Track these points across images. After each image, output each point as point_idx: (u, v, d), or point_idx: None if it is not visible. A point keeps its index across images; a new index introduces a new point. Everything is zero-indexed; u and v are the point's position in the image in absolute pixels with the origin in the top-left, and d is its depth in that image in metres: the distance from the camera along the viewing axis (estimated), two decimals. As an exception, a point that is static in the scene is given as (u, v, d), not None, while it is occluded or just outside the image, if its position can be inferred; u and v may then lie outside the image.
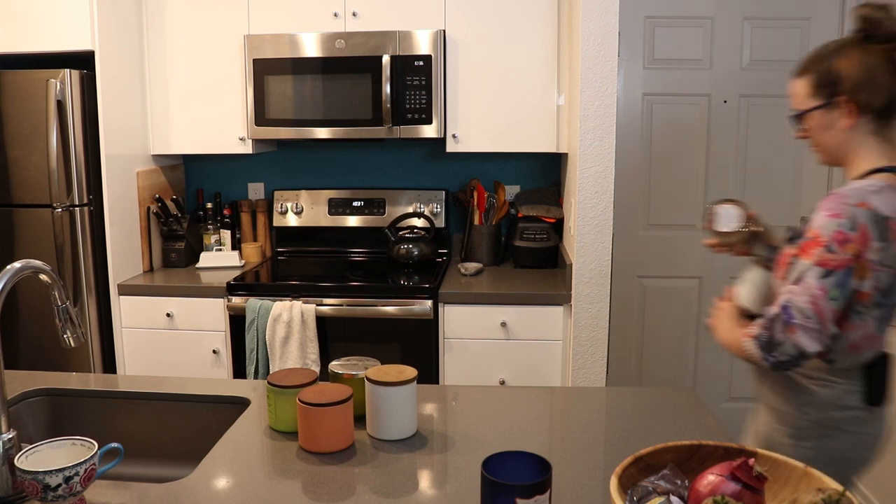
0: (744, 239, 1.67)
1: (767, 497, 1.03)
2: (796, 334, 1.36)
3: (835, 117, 1.48)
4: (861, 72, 1.44)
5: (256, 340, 2.75)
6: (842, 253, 1.35)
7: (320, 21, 2.92)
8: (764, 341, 1.39)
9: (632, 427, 1.45)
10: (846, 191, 1.40)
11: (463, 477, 1.23)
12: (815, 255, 1.37)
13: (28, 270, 1.24)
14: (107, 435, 1.55)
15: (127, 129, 2.95)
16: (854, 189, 1.39)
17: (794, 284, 1.38)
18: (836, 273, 1.36)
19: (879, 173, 1.44)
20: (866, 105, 1.45)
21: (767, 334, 1.39)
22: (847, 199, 1.38)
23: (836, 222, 1.37)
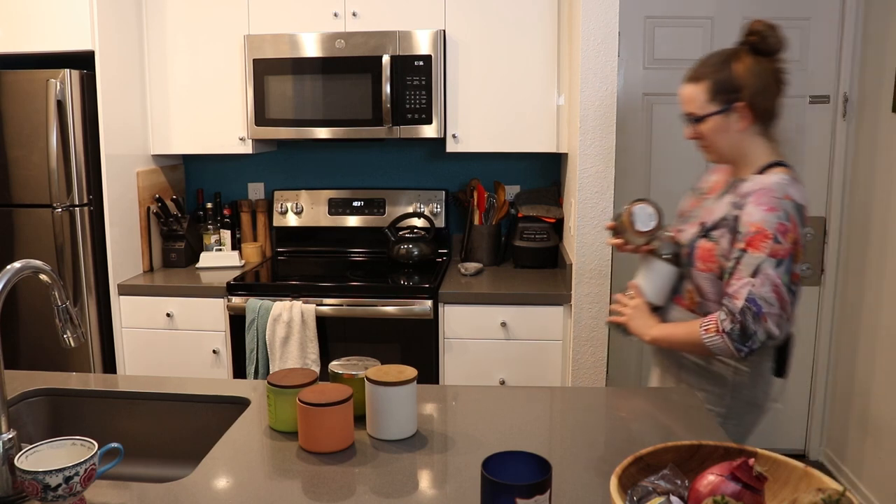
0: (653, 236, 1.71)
1: (767, 497, 1.03)
2: (767, 322, 1.50)
3: (732, 121, 1.63)
4: (757, 80, 1.62)
5: (256, 340, 2.75)
6: (785, 242, 1.51)
7: (320, 21, 2.92)
8: (737, 334, 1.51)
9: (632, 427, 1.45)
10: (768, 186, 1.54)
11: (463, 477, 1.23)
12: (766, 248, 1.50)
13: (28, 270, 1.24)
14: (107, 435, 1.55)
15: (127, 129, 2.95)
16: (774, 184, 1.54)
17: (752, 277, 1.50)
18: (785, 261, 1.51)
19: (775, 167, 1.62)
20: (761, 110, 1.64)
21: (739, 327, 1.51)
22: (773, 193, 1.53)
23: (776, 215, 1.51)
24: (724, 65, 1.63)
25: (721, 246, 1.59)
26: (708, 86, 1.62)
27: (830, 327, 3.19)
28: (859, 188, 2.99)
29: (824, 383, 3.24)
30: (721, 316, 1.54)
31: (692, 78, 1.66)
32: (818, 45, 3.04)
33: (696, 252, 1.64)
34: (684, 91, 1.67)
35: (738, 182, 1.65)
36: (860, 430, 2.94)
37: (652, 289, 1.72)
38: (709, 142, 1.67)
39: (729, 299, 1.54)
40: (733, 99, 1.62)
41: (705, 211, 1.71)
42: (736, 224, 1.57)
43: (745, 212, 1.55)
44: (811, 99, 3.08)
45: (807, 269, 3.19)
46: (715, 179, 1.80)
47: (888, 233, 2.74)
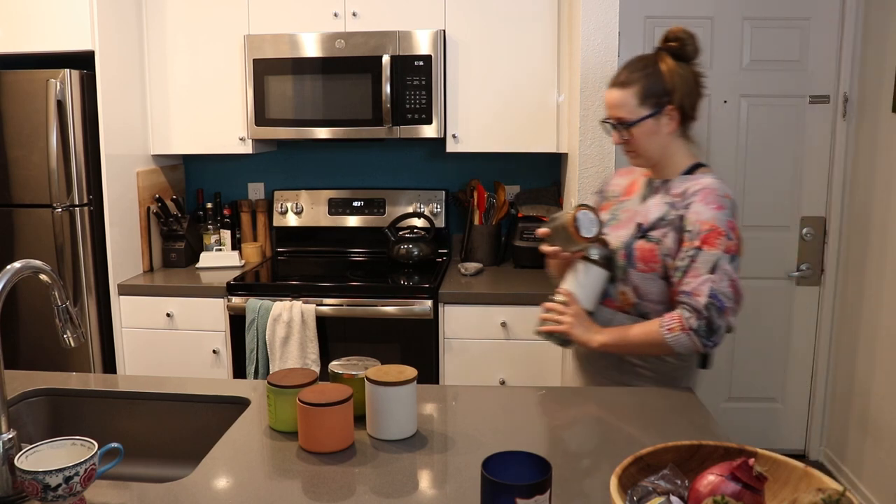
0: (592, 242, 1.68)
1: (767, 497, 1.03)
2: (729, 316, 1.57)
3: (662, 124, 1.66)
4: (684, 83, 1.65)
5: (256, 340, 2.75)
6: (734, 238, 1.58)
7: (320, 21, 2.92)
8: (704, 330, 1.55)
9: (632, 427, 1.45)
10: (711, 186, 1.61)
11: (463, 477, 1.23)
12: (721, 245, 1.56)
13: (28, 270, 1.24)
14: (107, 435, 1.55)
15: (127, 129, 2.95)
16: (715, 184, 1.61)
17: (711, 273, 1.55)
18: (736, 257, 1.59)
19: (700, 168, 1.69)
20: (687, 113, 1.68)
21: (706, 323, 1.55)
22: (717, 192, 1.60)
23: (724, 213, 1.58)
24: (653, 69, 1.65)
25: (665, 245, 1.62)
26: (638, 90, 1.64)
27: (830, 327, 3.19)
28: (859, 188, 2.99)
29: (824, 383, 3.24)
30: (685, 314, 1.56)
31: (621, 83, 1.66)
32: (818, 45, 3.04)
33: (636, 253, 1.65)
34: (613, 96, 1.67)
35: (665, 183, 1.69)
36: (860, 430, 2.94)
37: (585, 294, 1.68)
38: (638, 146, 1.68)
39: (689, 297, 1.56)
40: (664, 102, 1.64)
41: (630, 213, 1.72)
42: (681, 223, 1.60)
43: (693, 211, 1.59)
44: (811, 99, 3.08)
45: (807, 269, 3.19)
46: (626, 182, 1.82)
47: (888, 233, 2.74)
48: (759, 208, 3.17)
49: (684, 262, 1.58)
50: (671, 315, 1.59)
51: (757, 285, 3.23)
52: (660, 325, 1.59)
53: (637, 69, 1.66)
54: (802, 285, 3.22)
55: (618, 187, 1.84)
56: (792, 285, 3.22)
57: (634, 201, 1.75)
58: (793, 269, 3.20)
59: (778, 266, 3.21)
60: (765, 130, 3.13)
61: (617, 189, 1.84)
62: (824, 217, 3.16)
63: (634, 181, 1.80)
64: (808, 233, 3.17)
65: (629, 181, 1.81)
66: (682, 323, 1.56)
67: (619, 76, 1.68)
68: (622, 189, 1.81)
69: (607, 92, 1.69)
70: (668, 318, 1.58)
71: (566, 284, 1.71)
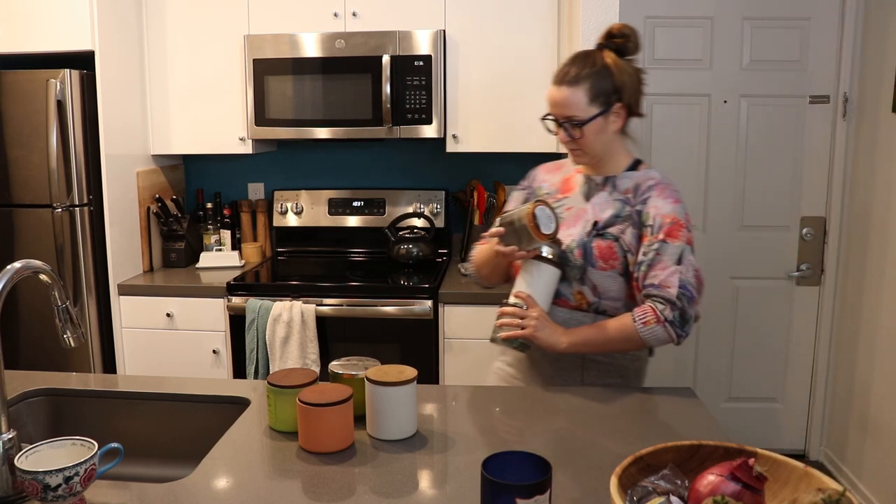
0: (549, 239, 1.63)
1: (767, 497, 1.03)
2: (697, 306, 1.59)
3: (609, 122, 1.64)
4: (631, 80, 1.65)
5: (256, 340, 2.75)
6: (692, 230, 1.63)
7: (320, 21, 2.92)
8: (678, 320, 1.56)
9: (632, 427, 1.45)
10: (664, 180, 1.65)
11: (463, 477, 1.23)
12: (683, 237, 1.59)
13: (28, 270, 1.24)
14: (107, 435, 1.55)
15: (127, 129, 2.95)
16: (666, 178, 1.66)
17: (678, 265, 1.57)
18: (694, 248, 1.63)
19: (641, 164, 1.71)
20: (634, 110, 1.67)
21: (679, 313, 1.56)
22: (671, 186, 1.64)
23: (682, 206, 1.62)
24: (602, 67, 1.63)
25: (625, 241, 1.62)
26: (588, 88, 1.61)
27: (830, 327, 3.19)
28: (859, 188, 2.99)
29: (824, 383, 3.24)
30: (658, 306, 1.56)
31: (570, 81, 1.62)
32: (818, 45, 3.04)
33: (594, 251, 1.63)
34: (561, 95, 1.63)
35: (609, 180, 1.69)
36: (860, 430, 2.94)
37: (539, 294, 1.63)
38: (586, 144, 1.65)
39: (659, 289, 1.57)
40: (613, 100, 1.63)
41: (577, 211, 1.69)
42: (640, 218, 1.62)
43: (652, 205, 1.61)
44: (811, 99, 3.08)
45: (807, 269, 3.19)
46: (557, 179, 1.78)
47: (888, 233, 2.74)
48: (759, 208, 3.17)
49: (649, 255, 1.59)
50: (642, 309, 1.57)
51: (757, 285, 3.23)
52: (633, 320, 1.57)
53: (586, 66, 1.63)
54: (802, 285, 3.22)
55: (547, 184, 1.79)
56: (792, 285, 3.22)
57: (576, 199, 1.71)
58: (793, 269, 3.20)
59: (778, 266, 3.21)
60: (765, 130, 3.13)
61: (547, 186, 1.79)
62: (824, 217, 3.16)
63: (568, 178, 1.76)
64: (808, 233, 3.17)
65: (560, 178, 1.78)
66: (657, 315, 1.55)
67: (567, 73, 1.64)
68: (555, 186, 1.77)
69: (555, 89, 1.65)
70: (641, 312, 1.57)
71: (519, 286, 1.65)
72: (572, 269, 1.65)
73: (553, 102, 1.65)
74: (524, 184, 1.86)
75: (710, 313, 3.28)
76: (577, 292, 1.67)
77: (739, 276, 3.23)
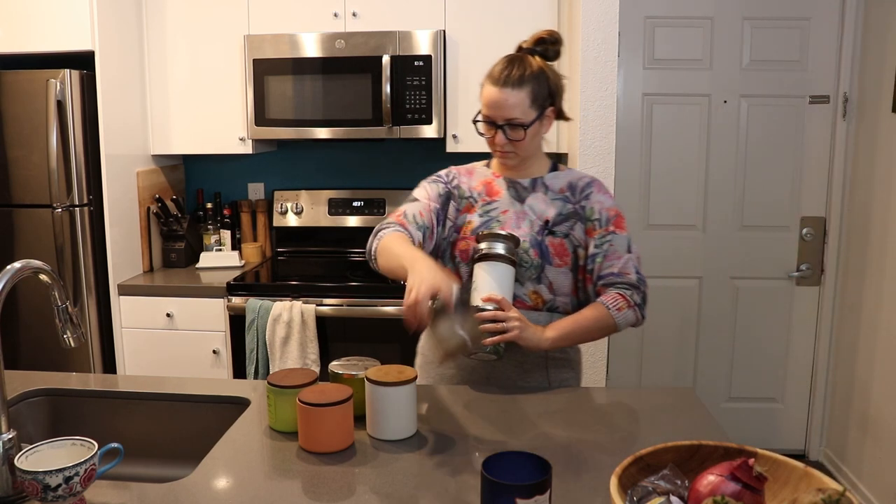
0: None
1: (767, 497, 1.03)
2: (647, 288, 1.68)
3: (543, 125, 1.68)
4: (561, 85, 1.70)
5: (256, 340, 2.75)
6: None
7: (320, 21, 2.92)
8: (643, 303, 1.66)
9: (632, 427, 1.45)
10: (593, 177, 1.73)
11: (463, 477, 1.23)
12: (626, 228, 1.69)
13: (28, 270, 1.24)
14: (107, 435, 1.55)
15: (127, 129, 2.95)
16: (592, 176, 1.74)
17: (629, 253, 1.66)
18: None
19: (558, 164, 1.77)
20: (563, 114, 1.72)
21: (642, 296, 1.66)
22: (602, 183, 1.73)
23: (615, 201, 1.72)
24: (539, 71, 1.64)
25: (575, 237, 1.67)
26: (531, 91, 1.61)
27: (830, 327, 3.19)
28: (859, 188, 2.99)
29: (824, 383, 3.24)
30: (626, 292, 1.63)
31: (514, 83, 1.60)
32: (818, 45, 3.04)
33: (550, 250, 1.66)
34: (505, 97, 1.60)
35: (537, 182, 1.71)
36: (860, 430, 2.95)
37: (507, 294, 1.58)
38: (523, 147, 1.65)
39: (620, 276, 1.64)
40: (548, 104, 1.66)
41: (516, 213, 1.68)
42: (584, 214, 1.68)
43: (596, 201, 1.68)
44: (811, 99, 3.08)
45: (807, 269, 3.19)
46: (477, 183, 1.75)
47: (888, 233, 2.74)
48: (759, 208, 3.18)
49: (603, 247, 1.65)
50: (611, 297, 1.63)
51: (757, 285, 3.23)
52: (607, 308, 1.62)
53: (527, 69, 1.62)
54: (802, 285, 3.22)
55: (469, 188, 1.75)
56: (792, 285, 3.22)
57: (507, 202, 1.70)
58: (793, 269, 3.20)
59: (778, 266, 3.21)
60: (765, 130, 3.13)
61: (469, 190, 1.75)
62: (824, 217, 3.16)
63: (488, 182, 1.74)
64: (808, 233, 3.18)
65: (480, 182, 1.75)
66: (627, 301, 1.62)
67: (509, 75, 1.61)
68: (480, 191, 1.74)
69: (496, 91, 1.61)
70: (612, 300, 1.62)
71: (487, 289, 1.56)
72: (528, 269, 1.65)
73: (494, 104, 1.62)
74: (442, 178, 1.78)
75: (710, 313, 3.28)
76: (532, 292, 1.67)
77: (739, 276, 3.23)
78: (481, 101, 1.66)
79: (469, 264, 1.66)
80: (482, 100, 1.65)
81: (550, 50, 1.69)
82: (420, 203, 1.74)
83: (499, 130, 1.63)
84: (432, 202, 1.74)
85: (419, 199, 1.75)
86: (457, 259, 1.71)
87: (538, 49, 1.68)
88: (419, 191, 1.78)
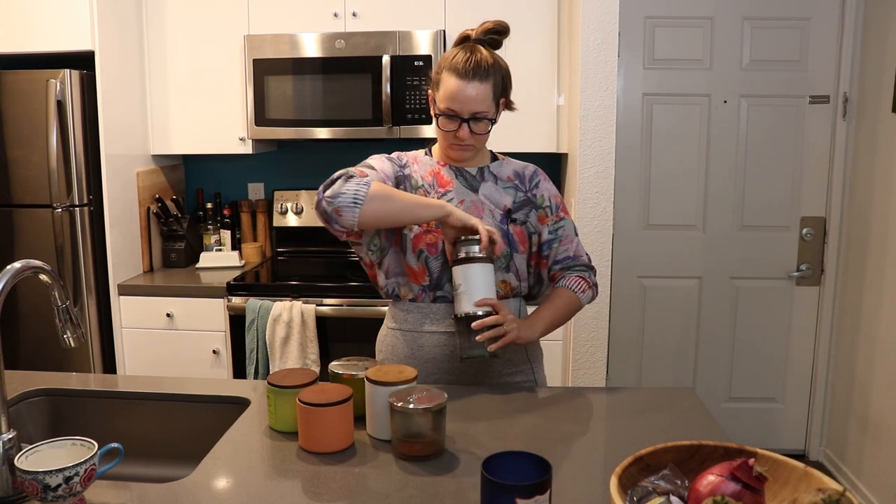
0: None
1: (767, 497, 1.03)
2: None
3: (497, 117, 1.67)
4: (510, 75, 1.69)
5: (256, 340, 2.75)
6: None
7: (320, 21, 2.92)
8: (596, 282, 1.75)
9: (632, 427, 1.45)
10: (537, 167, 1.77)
11: (463, 477, 1.23)
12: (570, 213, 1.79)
13: (28, 270, 1.24)
14: (107, 435, 1.55)
15: (127, 129, 2.95)
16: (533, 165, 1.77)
17: (576, 236, 1.75)
18: None
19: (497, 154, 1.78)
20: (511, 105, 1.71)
21: (594, 274, 1.76)
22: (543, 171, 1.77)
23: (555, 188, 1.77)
24: (495, 62, 1.61)
25: (531, 224, 1.71)
26: (494, 84, 1.60)
27: (830, 327, 3.19)
28: (859, 188, 2.99)
29: (824, 383, 3.24)
30: (584, 273, 1.72)
31: (481, 76, 1.57)
32: (818, 45, 3.04)
33: (515, 238, 1.68)
34: (474, 91, 1.56)
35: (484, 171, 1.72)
36: (860, 430, 2.95)
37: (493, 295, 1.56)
38: (481, 140, 1.65)
39: (575, 260, 1.73)
40: (504, 96, 1.66)
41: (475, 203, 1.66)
42: (536, 201, 1.72)
43: (544, 188, 1.74)
44: (811, 99, 3.08)
45: (807, 269, 3.19)
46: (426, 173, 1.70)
47: (888, 233, 2.74)
48: (759, 208, 3.18)
49: (557, 232, 1.72)
50: (573, 280, 1.69)
51: (757, 285, 3.23)
52: (574, 292, 1.69)
53: (487, 63, 1.58)
54: (802, 285, 3.22)
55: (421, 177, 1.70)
56: (792, 285, 3.22)
57: (461, 192, 1.67)
58: (793, 269, 3.20)
59: (778, 266, 3.21)
60: (765, 130, 3.13)
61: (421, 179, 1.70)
62: (824, 217, 3.16)
63: (436, 172, 1.71)
64: (808, 233, 3.18)
65: (429, 171, 1.71)
66: (587, 282, 1.71)
67: (476, 67, 1.56)
68: (430, 181, 1.69)
69: (464, 84, 1.55)
70: (575, 283, 1.69)
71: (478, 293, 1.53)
72: (498, 260, 1.64)
73: (460, 98, 1.56)
74: (394, 160, 1.72)
75: (710, 313, 3.28)
76: (501, 282, 1.67)
77: (739, 276, 3.23)
78: (438, 94, 1.61)
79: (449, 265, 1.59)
80: (442, 93, 1.59)
81: (497, 41, 1.69)
82: (377, 174, 1.62)
83: (464, 124, 1.59)
84: (388, 180, 1.64)
85: (376, 169, 1.64)
86: (424, 253, 1.63)
87: (486, 39, 1.67)
88: (375, 161, 1.68)
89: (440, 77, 1.61)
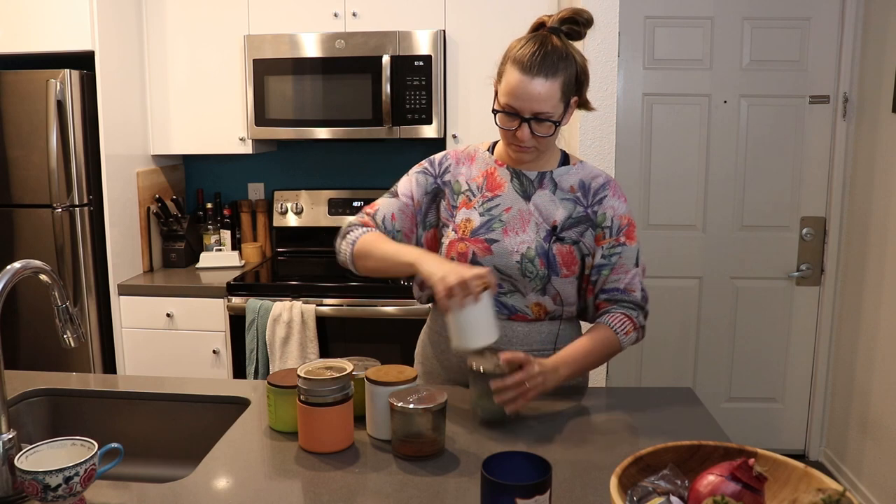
0: None
1: (767, 497, 1.03)
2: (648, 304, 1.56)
3: (568, 117, 1.49)
4: (587, 71, 1.47)
5: (256, 340, 2.75)
6: None
7: (320, 21, 2.92)
8: (644, 324, 1.55)
9: (632, 427, 1.45)
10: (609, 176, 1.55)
11: (463, 477, 1.23)
12: (636, 238, 1.53)
13: (28, 270, 1.24)
14: (107, 435, 1.55)
15: (127, 129, 2.95)
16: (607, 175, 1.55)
17: (636, 267, 1.53)
18: None
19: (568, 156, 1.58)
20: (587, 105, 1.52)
21: (645, 316, 1.55)
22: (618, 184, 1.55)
23: (628, 205, 1.55)
24: (568, 55, 1.42)
25: (585, 245, 1.51)
26: (563, 82, 1.41)
27: (830, 327, 3.19)
28: (859, 188, 2.99)
29: (824, 383, 3.24)
30: (631, 313, 1.52)
31: (548, 72, 1.39)
32: (818, 45, 3.04)
33: (558, 259, 1.49)
34: (539, 88, 1.38)
35: (545, 176, 1.53)
36: (860, 430, 2.94)
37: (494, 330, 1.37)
38: (546, 143, 1.47)
39: (624, 293, 1.52)
40: (575, 95, 1.47)
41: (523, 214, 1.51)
42: (595, 219, 1.51)
43: (609, 206, 1.51)
44: (811, 99, 3.08)
45: (807, 269, 3.19)
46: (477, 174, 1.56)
47: (888, 233, 2.74)
48: (759, 208, 3.17)
49: (611, 259, 1.51)
50: (617, 318, 1.50)
51: (757, 285, 3.23)
52: (615, 332, 1.49)
53: (558, 56, 1.40)
54: (802, 285, 3.22)
55: (466, 179, 1.57)
56: (792, 285, 3.22)
57: (511, 198, 1.52)
58: (793, 269, 3.20)
59: (778, 266, 3.21)
60: (765, 130, 3.13)
61: (467, 181, 1.57)
62: (824, 217, 3.16)
63: (490, 172, 1.56)
64: (808, 233, 3.17)
65: (481, 172, 1.56)
66: (634, 323, 1.51)
67: (542, 62, 1.39)
68: (480, 183, 1.55)
69: (527, 80, 1.39)
70: (619, 322, 1.49)
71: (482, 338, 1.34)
72: (532, 281, 1.49)
73: (521, 94, 1.40)
74: (431, 171, 1.60)
75: (710, 313, 3.28)
76: (534, 304, 1.53)
77: (739, 276, 3.23)
78: (500, 87, 1.45)
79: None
80: (504, 87, 1.43)
81: (577, 32, 1.46)
82: (398, 202, 1.57)
83: (524, 124, 1.43)
84: (415, 201, 1.57)
85: (400, 196, 1.58)
86: (455, 261, 1.52)
87: (563, 29, 1.46)
88: (403, 184, 1.61)
89: (504, 68, 1.45)
